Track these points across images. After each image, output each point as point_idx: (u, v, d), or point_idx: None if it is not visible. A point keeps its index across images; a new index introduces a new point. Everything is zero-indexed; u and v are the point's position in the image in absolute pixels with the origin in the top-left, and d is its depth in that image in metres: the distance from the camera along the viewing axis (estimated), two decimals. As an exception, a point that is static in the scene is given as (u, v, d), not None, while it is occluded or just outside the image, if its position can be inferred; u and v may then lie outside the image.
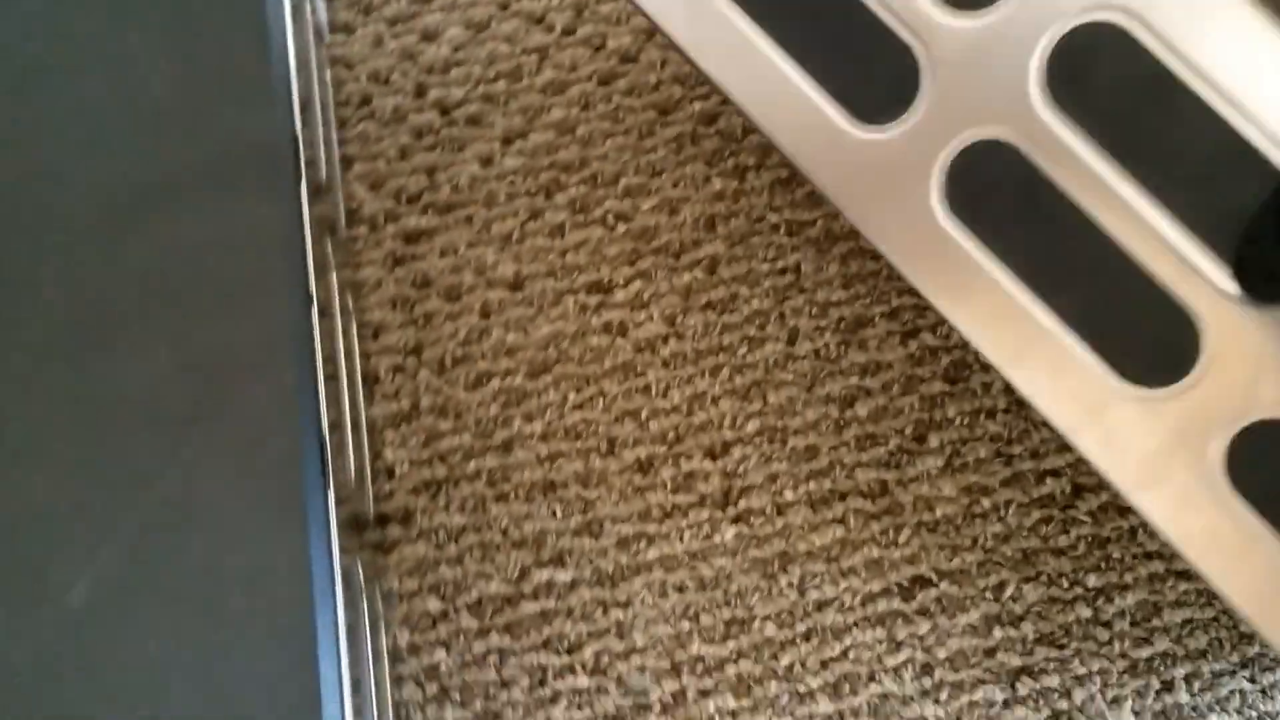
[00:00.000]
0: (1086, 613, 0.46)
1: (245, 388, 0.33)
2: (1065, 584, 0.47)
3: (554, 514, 0.48)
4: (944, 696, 0.46)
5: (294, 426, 0.33)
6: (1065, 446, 0.37)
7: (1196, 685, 0.45)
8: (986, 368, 0.49)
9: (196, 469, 0.32)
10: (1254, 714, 0.45)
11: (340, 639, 0.31)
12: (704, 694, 0.45)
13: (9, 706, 0.29)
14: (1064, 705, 0.45)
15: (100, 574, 0.31)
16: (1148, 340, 0.36)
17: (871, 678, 0.46)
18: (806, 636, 0.46)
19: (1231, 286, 0.35)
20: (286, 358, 0.34)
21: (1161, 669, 0.46)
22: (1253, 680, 0.45)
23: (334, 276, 0.44)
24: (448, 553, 0.47)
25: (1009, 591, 0.46)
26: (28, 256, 0.34)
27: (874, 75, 0.36)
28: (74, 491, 0.32)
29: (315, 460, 0.33)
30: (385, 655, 0.43)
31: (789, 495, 0.49)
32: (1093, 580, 0.46)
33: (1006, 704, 0.45)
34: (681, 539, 0.48)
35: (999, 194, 0.36)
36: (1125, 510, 0.47)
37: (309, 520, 0.32)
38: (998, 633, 0.46)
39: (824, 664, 0.46)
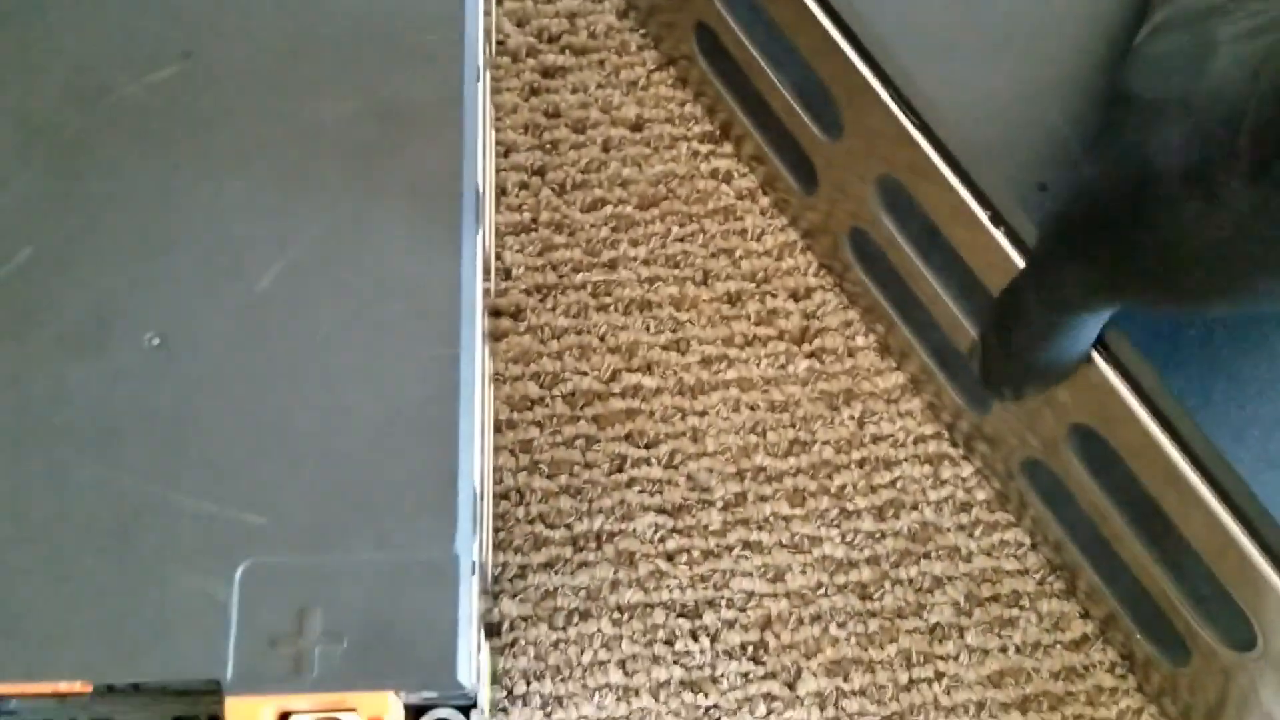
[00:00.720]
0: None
1: (421, 136, 0.39)
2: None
3: (647, 328, 0.53)
4: (978, 533, 0.50)
5: (457, 173, 0.38)
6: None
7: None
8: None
9: (374, 193, 0.38)
10: None
11: (477, 351, 0.37)
12: (762, 499, 0.51)
13: (204, 366, 0.35)
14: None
15: (286, 266, 0.37)
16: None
17: (914, 507, 0.51)
18: (860, 464, 0.51)
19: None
20: (457, 117, 0.39)
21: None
22: None
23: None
24: (550, 348, 0.53)
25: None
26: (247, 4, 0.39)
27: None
28: (273, 197, 0.37)
29: (472, 205, 0.38)
30: (490, 416, 0.49)
31: (860, 341, 0.53)
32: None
33: (1033, 546, 0.50)
34: (759, 365, 0.53)
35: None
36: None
37: (463, 252, 0.37)
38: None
39: (873, 489, 0.51)
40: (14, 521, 0.32)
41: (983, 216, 0.40)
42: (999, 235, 0.39)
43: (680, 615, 0.49)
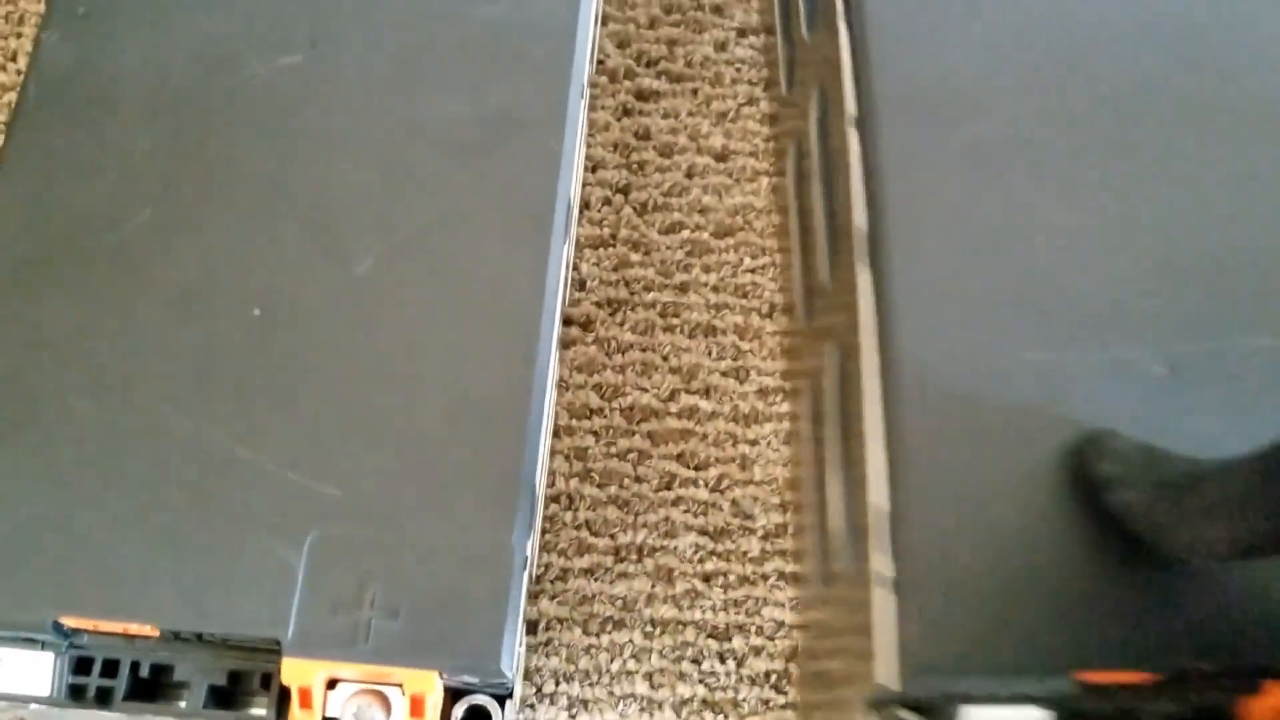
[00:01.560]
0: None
1: (523, 143, 0.40)
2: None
3: (710, 353, 0.55)
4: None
5: (553, 184, 0.40)
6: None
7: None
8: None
9: (471, 195, 0.39)
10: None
11: (552, 355, 0.39)
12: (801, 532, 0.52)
13: (298, 341, 0.37)
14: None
15: (384, 252, 0.38)
16: None
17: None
18: (904, 510, 0.52)
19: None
20: (560, 129, 0.41)
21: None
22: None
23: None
24: (614, 361, 0.54)
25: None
26: (374, 11, 0.42)
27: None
28: (379, 186, 0.39)
29: (563, 216, 0.40)
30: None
31: (918, 390, 0.54)
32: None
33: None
34: (815, 402, 0.54)
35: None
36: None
37: (549, 261, 0.39)
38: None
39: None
40: (110, 467, 0.34)
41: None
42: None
43: (710, 636, 0.50)
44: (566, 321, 0.55)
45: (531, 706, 0.48)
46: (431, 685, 0.34)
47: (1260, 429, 0.29)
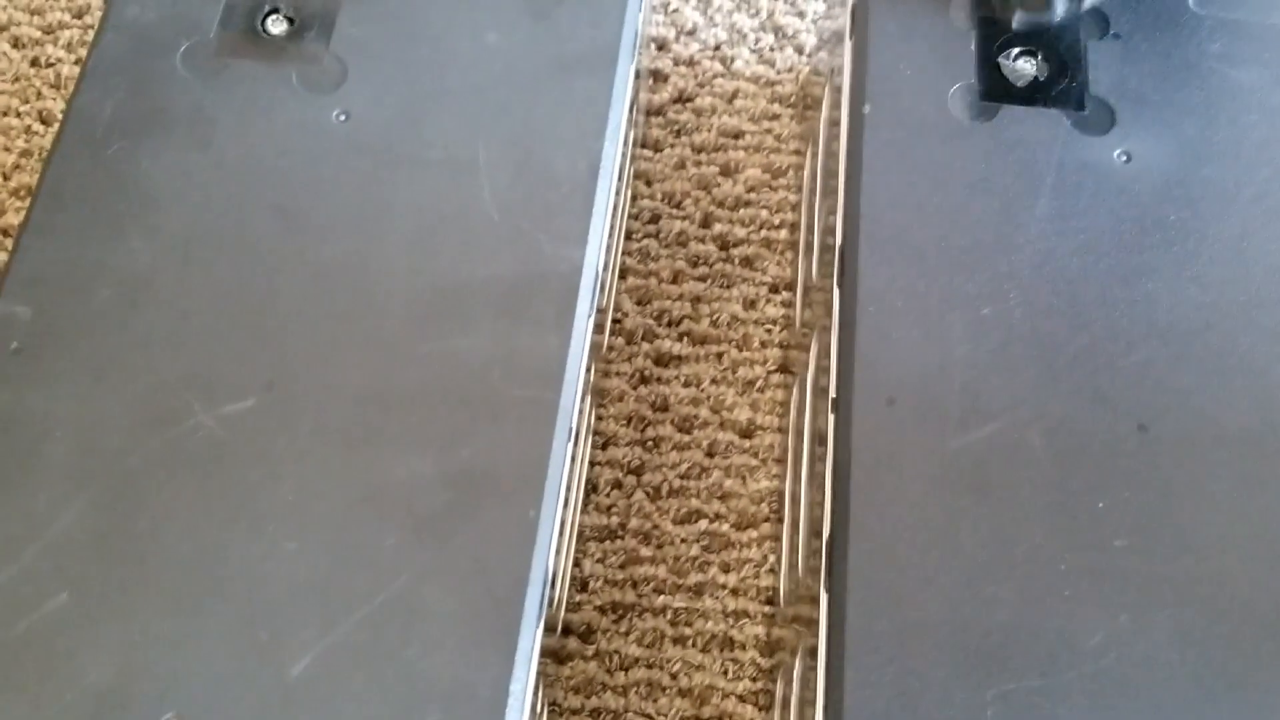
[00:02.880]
0: None
1: (491, 509, 0.35)
2: None
3: (725, 673, 0.49)
4: None
5: (525, 560, 0.35)
6: None
7: None
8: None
9: (430, 576, 0.34)
10: None
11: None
12: None
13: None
14: None
15: (324, 652, 0.33)
16: None
17: None
18: None
19: None
20: (536, 490, 0.36)
21: None
22: None
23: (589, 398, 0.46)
24: (617, 680, 0.48)
25: None
26: (339, 347, 0.37)
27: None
28: (324, 569, 0.34)
29: (537, 598, 0.34)
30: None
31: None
32: None
33: None
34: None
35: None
36: None
37: (517, 658, 0.34)
38: None
39: None
40: None
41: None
42: None
43: None
44: (565, 631, 0.49)
45: None
46: None
47: None
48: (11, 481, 0.35)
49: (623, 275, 0.57)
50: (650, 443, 0.53)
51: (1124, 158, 0.42)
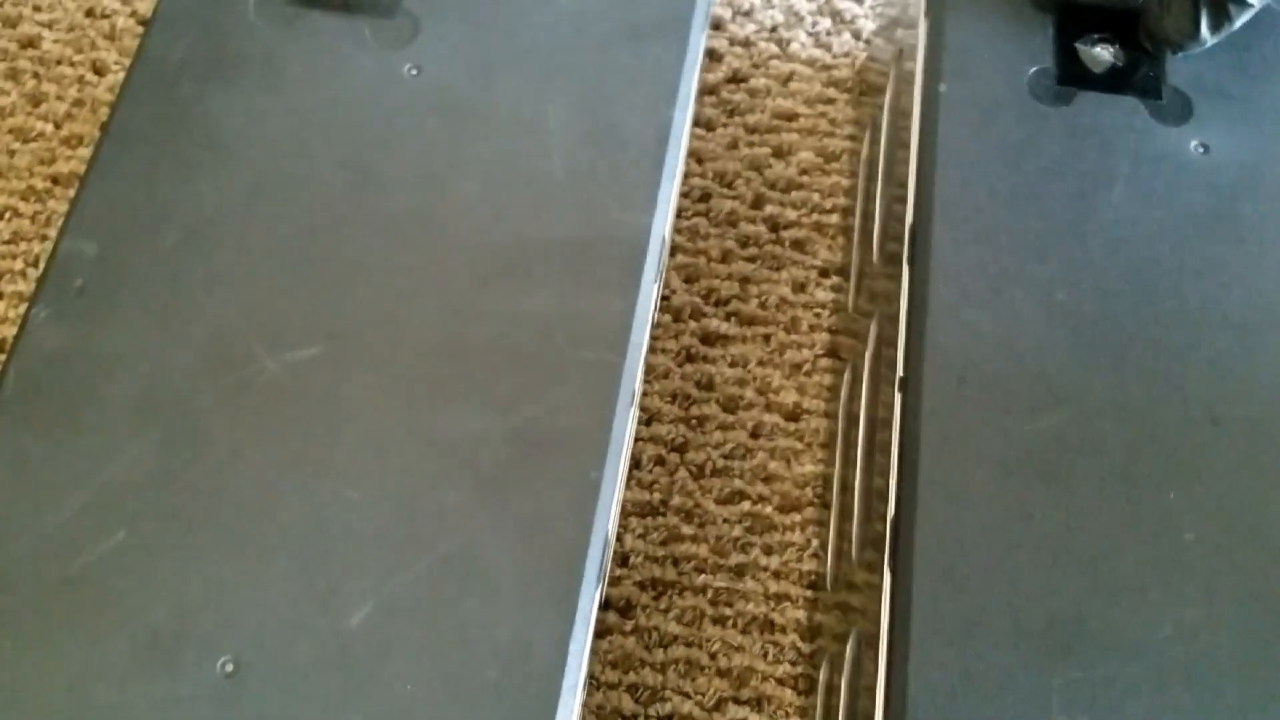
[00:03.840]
0: None
1: (554, 468, 0.35)
2: None
3: (765, 655, 0.48)
4: None
5: (587, 521, 0.34)
6: None
7: None
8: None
9: (491, 532, 0.34)
10: None
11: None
12: None
13: (274, 706, 0.31)
14: None
15: (379, 605, 0.33)
16: None
17: None
18: None
19: None
20: (598, 451, 0.35)
21: None
22: None
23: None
24: (655, 657, 0.48)
25: None
26: (405, 300, 0.37)
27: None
28: (384, 520, 0.34)
29: (597, 559, 0.34)
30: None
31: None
32: None
33: None
34: None
35: None
36: None
37: (576, 619, 0.33)
38: None
39: None
40: None
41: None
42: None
43: None
44: (604, 605, 0.49)
45: None
46: None
47: None
48: (72, 420, 0.35)
49: (672, 253, 0.56)
50: (695, 421, 0.53)
51: (1201, 149, 0.42)
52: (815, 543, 0.50)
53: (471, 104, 0.41)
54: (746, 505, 0.51)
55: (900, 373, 0.39)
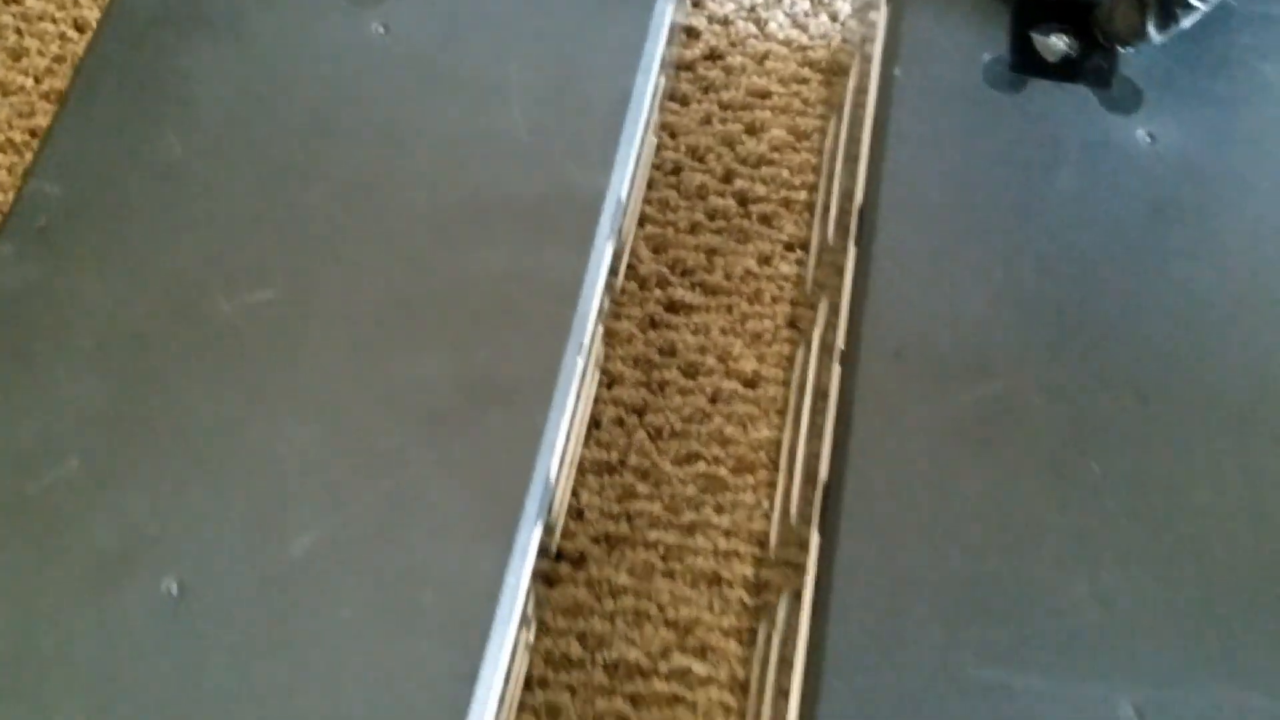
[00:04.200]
0: None
1: (501, 412, 0.36)
2: None
3: (711, 608, 0.50)
4: None
5: (529, 462, 0.36)
6: None
7: None
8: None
9: (436, 471, 0.35)
10: None
11: (500, 672, 0.34)
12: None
13: (217, 626, 0.33)
14: None
15: (323, 535, 0.34)
16: None
17: None
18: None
19: None
20: (544, 398, 0.37)
21: None
22: None
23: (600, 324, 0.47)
24: (605, 607, 0.49)
25: None
26: (362, 250, 0.38)
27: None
28: (331, 456, 0.35)
29: (538, 498, 0.35)
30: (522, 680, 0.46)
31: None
32: None
33: None
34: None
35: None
36: None
37: (513, 551, 0.35)
38: None
39: None
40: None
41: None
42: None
43: None
44: (557, 557, 0.50)
45: None
46: None
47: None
48: (29, 352, 0.36)
49: (641, 223, 0.58)
50: (655, 385, 0.54)
51: (1148, 138, 0.43)
52: (766, 504, 0.52)
53: (438, 63, 0.42)
54: (701, 466, 0.52)
55: (840, 345, 0.40)
